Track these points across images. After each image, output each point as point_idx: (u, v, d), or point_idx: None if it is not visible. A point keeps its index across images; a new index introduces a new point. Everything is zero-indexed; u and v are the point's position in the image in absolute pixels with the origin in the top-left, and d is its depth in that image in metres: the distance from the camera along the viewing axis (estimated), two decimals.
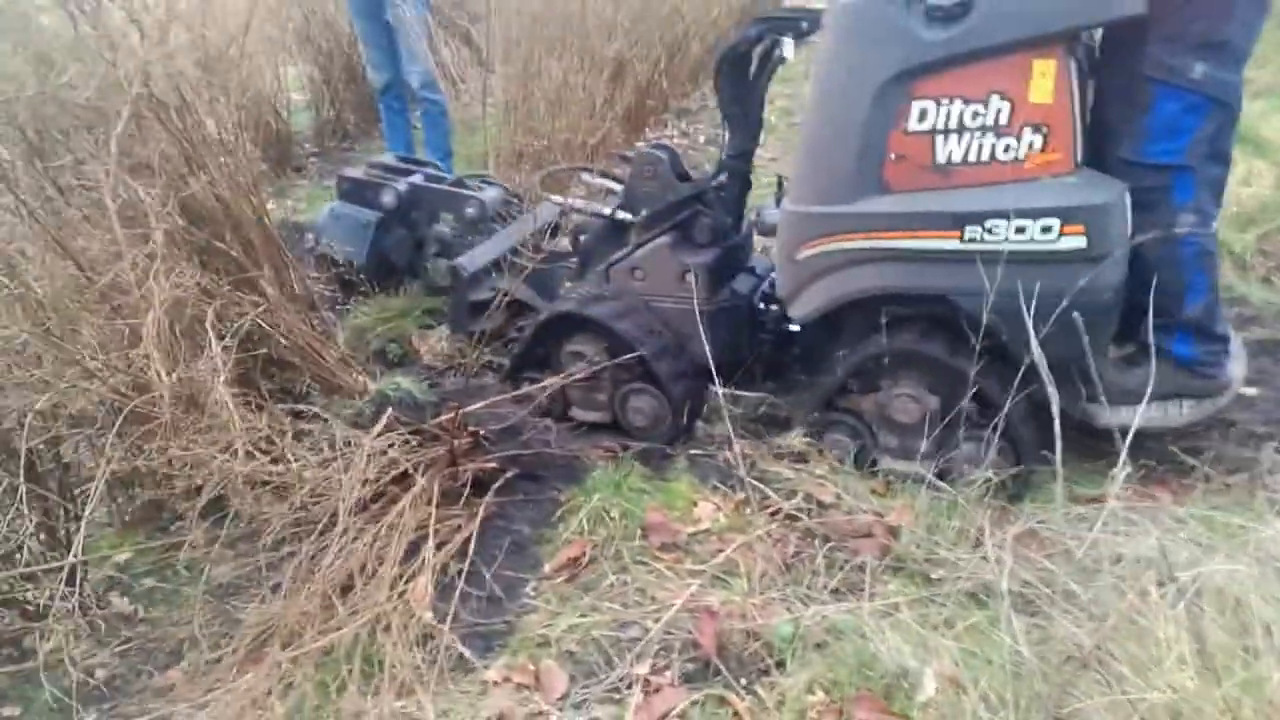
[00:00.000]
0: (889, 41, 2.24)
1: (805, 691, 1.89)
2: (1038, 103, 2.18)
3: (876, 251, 2.39)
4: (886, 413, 2.62)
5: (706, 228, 2.91)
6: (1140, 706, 1.55)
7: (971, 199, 2.27)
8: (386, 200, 3.65)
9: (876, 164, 2.33)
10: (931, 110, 2.25)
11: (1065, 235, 2.21)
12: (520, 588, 2.35)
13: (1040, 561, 1.92)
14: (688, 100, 7.19)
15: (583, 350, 2.92)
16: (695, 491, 2.64)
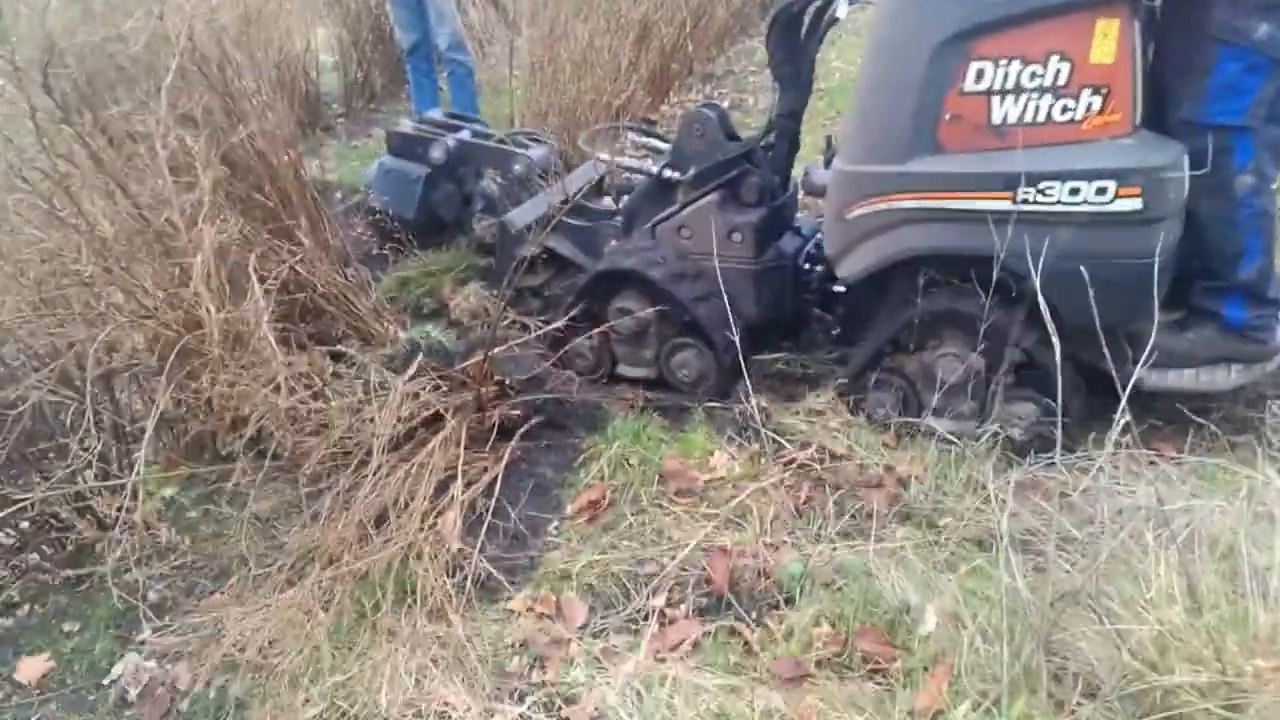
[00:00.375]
0: (948, 1, 2.23)
1: (812, 624, 1.99)
2: (1098, 63, 2.16)
3: (927, 212, 2.38)
4: (931, 372, 2.61)
5: (754, 187, 2.92)
6: (1129, 639, 1.65)
7: (1026, 160, 2.24)
8: (435, 155, 3.66)
9: (931, 124, 2.32)
10: (989, 70, 2.23)
11: (1121, 197, 2.19)
12: (543, 526, 2.46)
13: (1040, 507, 2.01)
14: (713, 65, 7.21)
15: (630, 307, 2.96)
16: (711, 442, 2.74)
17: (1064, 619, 1.70)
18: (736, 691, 1.86)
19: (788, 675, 1.89)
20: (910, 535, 2.25)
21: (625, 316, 2.95)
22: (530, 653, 2.06)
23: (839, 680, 1.88)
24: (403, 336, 2.78)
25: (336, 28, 6.54)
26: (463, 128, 3.87)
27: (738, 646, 2.01)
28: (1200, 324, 2.50)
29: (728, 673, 1.93)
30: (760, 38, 8.03)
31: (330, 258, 2.78)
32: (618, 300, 2.98)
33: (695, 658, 1.99)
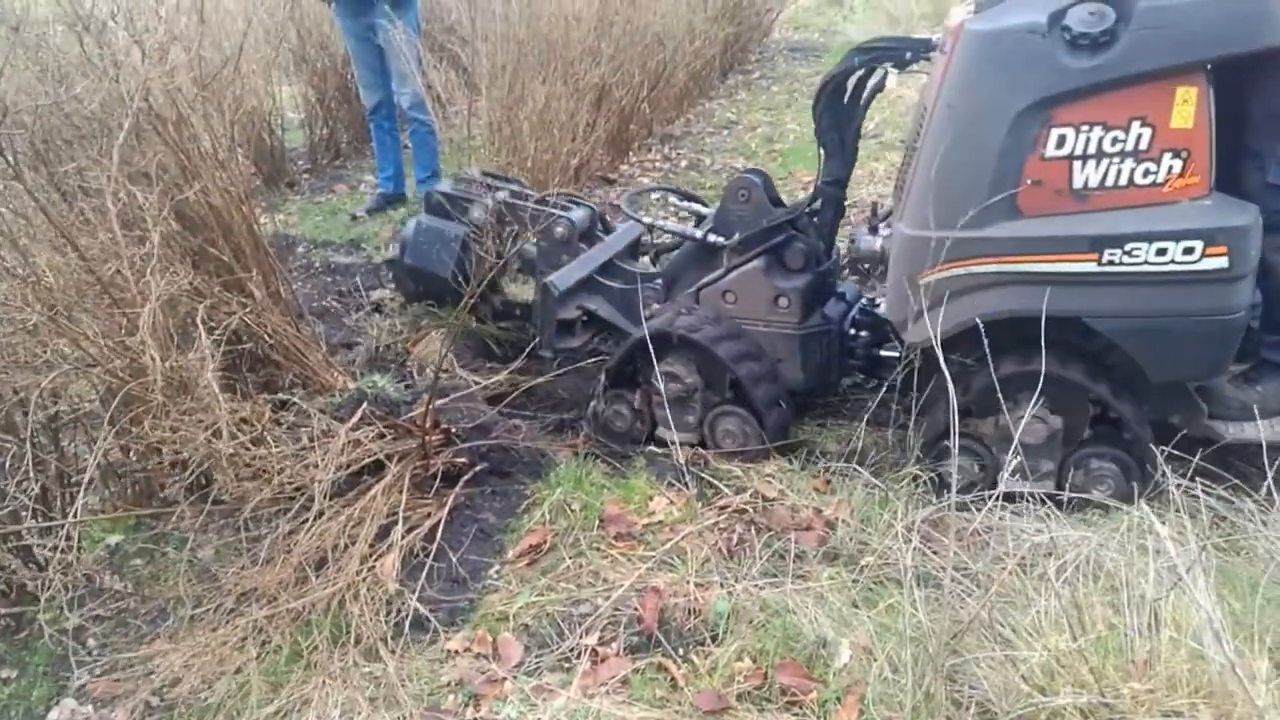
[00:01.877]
0: (1030, 69, 2.26)
1: (735, 659, 2.07)
2: (1179, 128, 2.21)
3: (1008, 275, 2.39)
4: (1010, 434, 2.53)
5: (800, 253, 2.92)
6: (1022, 665, 1.74)
7: (1111, 222, 2.28)
8: (476, 216, 3.55)
9: (1010, 189, 2.33)
10: (1070, 136, 2.26)
11: (1208, 256, 2.23)
12: (484, 570, 2.53)
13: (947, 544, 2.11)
14: (672, 126, 7.44)
15: (675, 371, 2.94)
16: (652, 487, 2.82)
17: (963, 648, 1.80)
18: None
19: (709, 708, 1.96)
20: (834, 574, 2.34)
21: (672, 381, 2.93)
22: (465, 691, 2.11)
23: (758, 712, 1.96)
24: (351, 386, 2.86)
25: (303, 86, 6.70)
26: (501, 188, 3.78)
27: (664, 682, 2.09)
28: (1270, 376, 2.55)
29: (653, 706, 2.00)
30: (719, 99, 8.34)
31: (282, 309, 2.87)
32: (663, 364, 2.93)
33: (623, 693, 2.06)
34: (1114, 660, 1.69)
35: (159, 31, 2.74)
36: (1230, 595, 2.03)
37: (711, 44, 7.66)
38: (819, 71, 9.04)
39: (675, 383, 2.94)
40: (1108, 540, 1.95)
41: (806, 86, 8.43)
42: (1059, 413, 2.54)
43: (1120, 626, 1.77)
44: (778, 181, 5.91)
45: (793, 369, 2.96)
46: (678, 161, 6.61)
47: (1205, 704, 1.65)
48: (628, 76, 5.96)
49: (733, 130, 7.33)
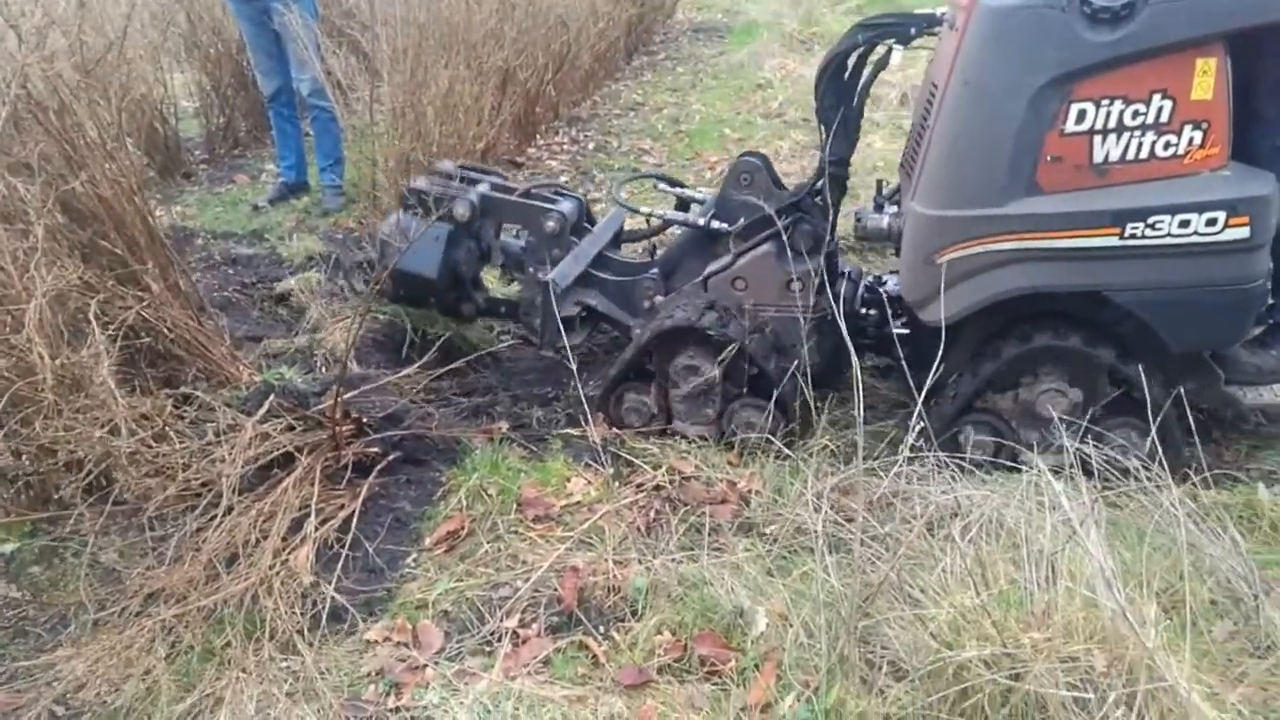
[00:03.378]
0: (1049, 45, 2.25)
1: (655, 633, 2.10)
2: (1199, 100, 2.22)
3: (1028, 252, 2.39)
4: (1031, 409, 2.61)
5: (808, 235, 2.88)
6: (929, 623, 1.81)
7: (1132, 196, 2.29)
8: (460, 212, 3.34)
9: (1030, 166, 2.33)
10: (1091, 111, 2.26)
11: (1230, 227, 2.26)
12: (401, 559, 2.51)
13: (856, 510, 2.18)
14: (578, 108, 7.41)
15: (696, 364, 2.87)
16: (569, 469, 2.83)
17: (874, 609, 1.86)
18: (581, 700, 1.95)
19: (630, 682, 1.99)
20: (750, 545, 2.39)
21: (693, 375, 2.87)
22: (386, 680, 2.10)
23: (679, 683, 1.99)
24: (257, 379, 2.79)
25: (196, 73, 6.46)
26: (479, 180, 3.60)
27: (586, 659, 2.11)
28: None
29: (574, 684, 2.02)
30: (624, 81, 8.33)
31: (181, 303, 2.78)
32: (681, 358, 2.89)
33: (545, 673, 2.07)
34: (1015, 613, 1.77)
35: (35, 15, 2.61)
36: (1121, 545, 2.15)
37: (615, 26, 7.66)
38: (723, 52, 9.12)
39: (696, 376, 2.87)
40: (1009, 499, 2.03)
41: (711, 67, 8.50)
42: (1077, 385, 2.57)
43: (1021, 580, 1.85)
44: (683, 164, 6.00)
45: (808, 353, 2.92)
46: (585, 144, 6.59)
47: (1099, 649, 1.74)
48: (531, 59, 5.91)
49: (639, 112, 7.35)
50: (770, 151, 6.00)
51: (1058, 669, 1.69)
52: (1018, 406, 2.65)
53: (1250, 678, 1.88)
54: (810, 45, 8.71)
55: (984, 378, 2.62)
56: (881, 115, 6.57)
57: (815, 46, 8.64)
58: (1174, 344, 2.40)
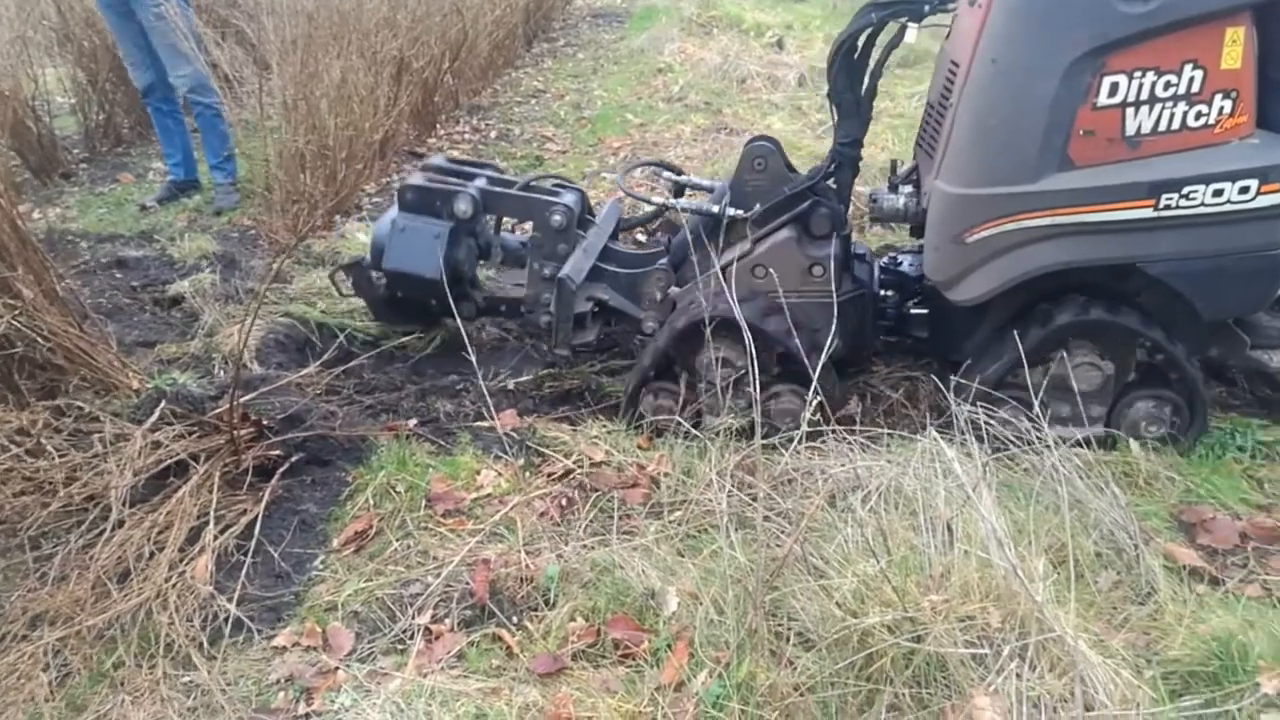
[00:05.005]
0: (1082, 18, 2.23)
1: (568, 620, 2.11)
2: (1228, 69, 2.23)
3: (1061, 227, 2.38)
4: (1063, 383, 2.59)
5: (826, 218, 2.84)
6: (834, 593, 1.86)
7: (1166, 167, 2.30)
8: (461, 209, 3.22)
9: (1062, 141, 2.32)
10: (1123, 83, 2.26)
11: (1263, 194, 2.28)
12: (308, 562, 2.45)
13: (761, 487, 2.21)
14: (479, 97, 7.31)
15: (727, 355, 2.78)
16: (479, 461, 2.81)
17: (781, 583, 1.90)
18: (496, 693, 1.94)
19: (544, 670, 1.99)
20: (660, 527, 2.40)
21: (725, 366, 2.79)
22: (296, 686, 2.05)
23: (593, 668, 2.00)
24: (148, 386, 2.69)
25: (70, 67, 6.16)
26: (475, 174, 3.44)
27: (500, 651, 2.10)
28: None
29: (489, 676, 2.01)
30: (525, 68, 8.26)
31: (60, 309, 2.65)
32: (709, 350, 2.77)
33: (459, 667, 2.06)
34: (915, 577, 1.83)
35: None
36: (1014, 506, 2.23)
37: (513, 12, 7.57)
38: (623, 37, 9.11)
39: (727, 367, 2.79)
40: (905, 469, 2.09)
41: (611, 53, 8.48)
42: (1110, 358, 2.60)
43: (920, 546, 1.91)
44: (587, 150, 5.99)
45: (827, 337, 2.89)
46: (487, 132, 6.51)
47: (994, 606, 1.81)
48: (427, 48, 5.81)
49: (540, 99, 7.29)
50: (673, 135, 6.03)
51: (956, 629, 1.76)
52: (1049, 381, 2.65)
53: (1132, 623, 1.98)
54: (709, 29, 8.76)
55: (1017, 355, 2.56)
56: (780, 96, 6.66)
57: (714, 30, 8.69)
58: (1207, 312, 2.44)
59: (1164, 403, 2.63)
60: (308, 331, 3.64)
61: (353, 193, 5.10)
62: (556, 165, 5.74)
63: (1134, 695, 1.71)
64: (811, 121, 6.09)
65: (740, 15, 8.97)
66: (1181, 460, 2.61)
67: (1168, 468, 2.56)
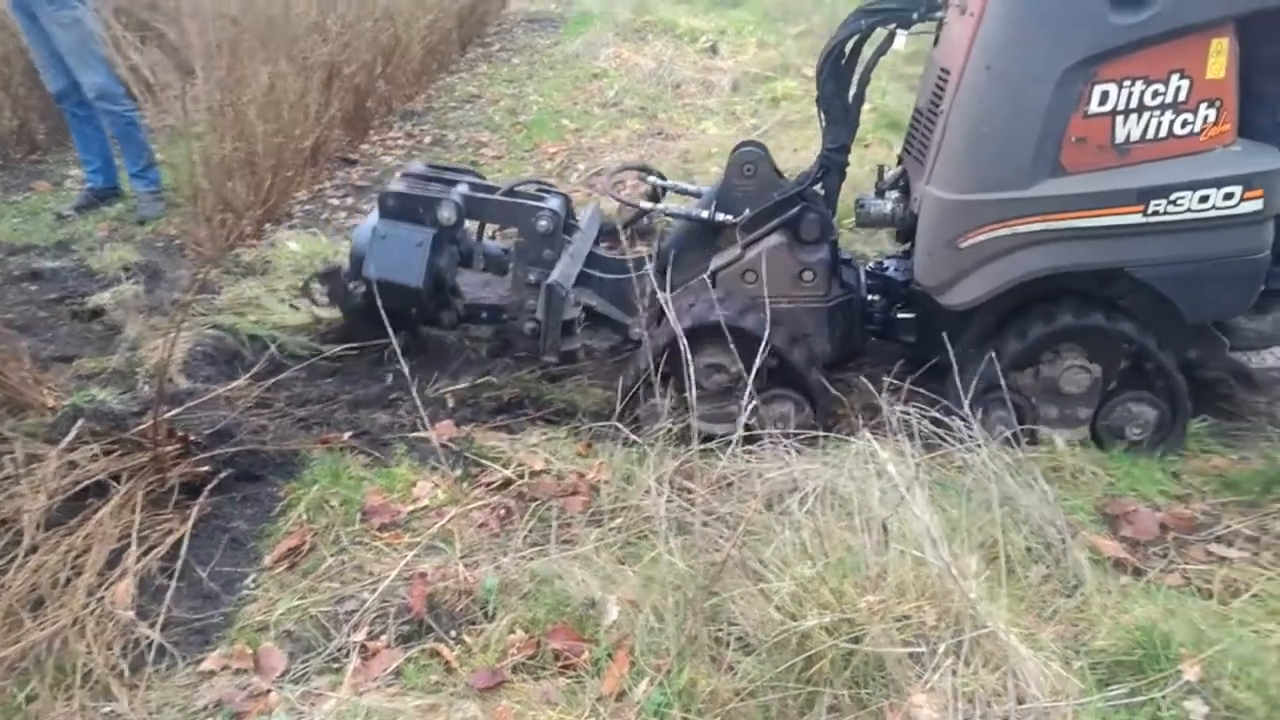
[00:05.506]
0: (1075, 27, 2.29)
1: (508, 632, 2.08)
2: (1213, 79, 2.31)
3: (1053, 233, 2.43)
4: (1052, 385, 2.66)
5: (815, 224, 2.84)
6: (773, 596, 1.86)
7: (1154, 174, 2.36)
8: (445, 215, 3.14)
9: (1054, 148, 2.37)
10: (1113, 92, 2.32)
11: (1246, 200, 2.35)
12: (239, 582, 2.38)
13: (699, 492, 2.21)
14: (412, 102, 7.22)
15: (719, 362, 2.76)
16: (415, 473, 2.77)
17: (720, 588, 1.90)
18: (435, 709, 1.91)
19: (484, 684, 1.96)
20: (600, 535, 2.39)
21: (718, 373, 2.77)
22: (225, 711, 1.99)
23: (534, 680, 1.97)
24: (64, 403, 2.59)
25: None
26: (455, 180, 3.36)
27: (438, 667, 2.06)
28: (1276, 305, 2.70)
29: (427, 693, 1.97)
30: (459, 73, 8.19)
31: None
32: (705, 357, 2.76)
33: (396, 684, 2.02)
34: (852, 579, 1.85)
35: None
36: (948, 504, 2.27)
37: (446, 17, 7.51)
38: (558, 42, 9.09)
39: (721, 374, 2.77)
40: (841, 470, 2.10)
41: (546, 58, 8.46)
42: (1097, 361, 2.64)
43: (856, 547, 1.93)
44: (522, 155, 5.95)
45: (821, 342, 2.90)
46: (421, 138, 6.44)
47: (929, 604, 1.84)
48: (358, 53, 5.72)
49: (475, 104, 7.24)
50: (608, 141, 6.03)
51: (892, 628, 1.78)
52: (1039, 383, 2.71)
53: (1060, 615, 2.02)
54: (644, 34, 8.78)
55: (1011, 357, 2.65)
56: (714, 101, 6.71)
57: (648, 36, 8.71)
58: (1190, 315, 2.51)
59: (1149, 405, 2.70)
60: (237, 343, 3.54)
61: (283, 200, 5.01)
62: (492, 171, 5.69)
63: (1063, 686, 1.75)
64: (745, 126, 6.13)
65: (674, 21, 9.02)
66: (1104, 455, 2.68)
67: (1092, 463, 2.63)
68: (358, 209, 5.20)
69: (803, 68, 7.31)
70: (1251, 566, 2.27)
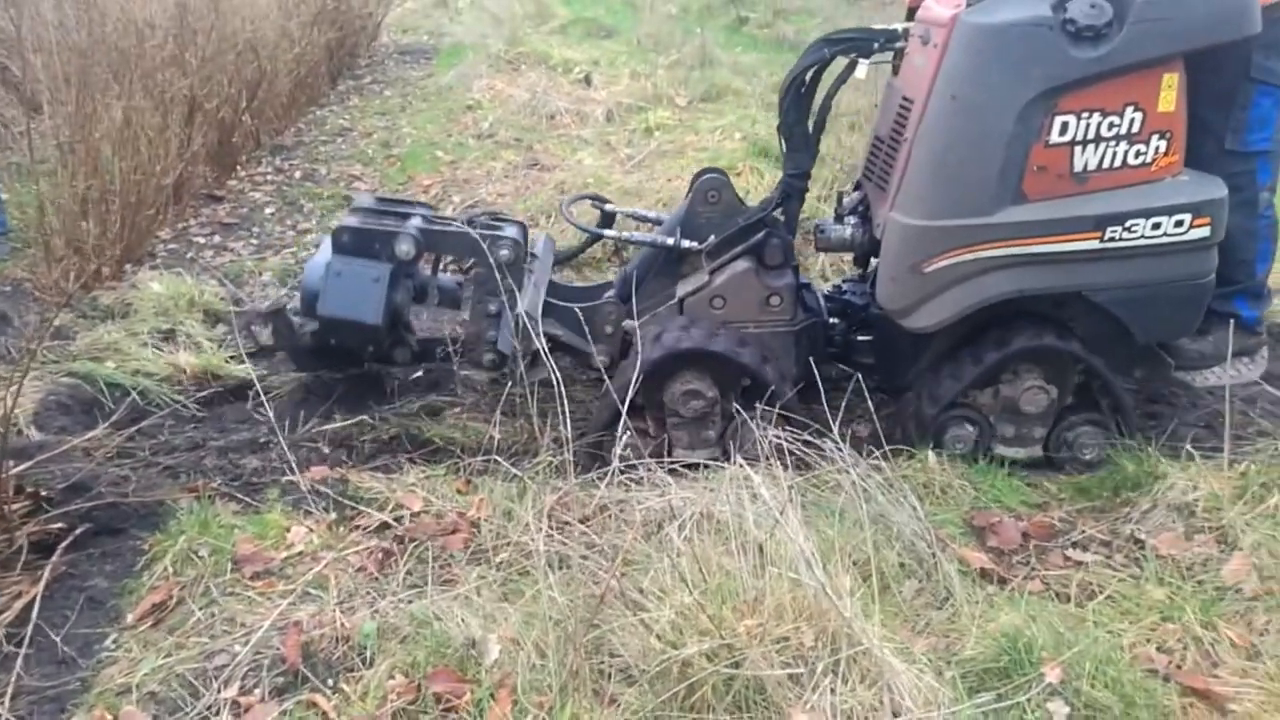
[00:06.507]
0: (1037, 61, 2.38)
1: (387, 678, 2.03)
2: (1164, 111, 2.43)
3: (1015, 258, 2.52)
4: (1011, 405, 2.77)
5: (779, 249, 2.89)
6: (654, 625, 1.88)
7: (1110, 202, 2.48)
8: (404, 249, 3.01)
9: (1016, 176, 2.46)
10: (1072, 123, 2.42)
11: (1195, 227, 2.48)
12: (97, 643, 2.25)
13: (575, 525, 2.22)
14: (281, 136, 7.04)
15: (696, 388, 2.76)
16: (288, 518, 2.68)
17: (601, 620, 1.90)
18: None
19: None
20: (482, 573, 2.36)
21: (695, 399, 2.76)
22: None
23: None
24: None
25: None
26: (407, 213, 3.24)
27: (316, 718, 1.99)
28: (1219, 326, 2.82)
29: None
30: (330, 107, 8.04)
31: None
32: (678, 383, 2.78)
33: None
34: (731, 603, 1.88)
35: None
36: (824, 524, 2.34)
37: (314, 49, 7.35)
38: (431, 74, 9.02)
39: (698, 399, 2.76)
40: (716, 496, 2.14)
41: (420, 90, 8.38)
42: (1053, 382, 2.74)
43: (734, 571, 1.96)
44: (397, 188, 5.88)
45: (788, 365, 2.92)
46: (291, 173, 6.28)
47: (807, 625, 1.89)
48: (221, 87, 5.55)
49: (347, 137, 7.11)
50: (483, 172, 6.02)
51: (772, 651, 1.82)
52: (998, 403, 2.82)
53: (932, 627, 2.10)
54: (517, 66, 8.80)
55: (971, 378, 2.76)
56: (589, 132, 6.77)
57: (522, 67, 8.74)
58: (1141, 336, 2.64)
59: (1099, 426, 2.83)
60: (95, 391, 3.36)
61: (144, 239, 4.80)
62: None
63: (936, 697, 1.81)
64: (620, 156, 6.21)
65: (548, 52, 9.07)
66: (971, 469, 2.81)
67: (960, 477, 2.75)
68: (225, 247, 5.04)
69: (675, 97, 7.47)
70: (1105, 569, 2.41)
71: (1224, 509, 2.49)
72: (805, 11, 11.23)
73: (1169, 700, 1.96)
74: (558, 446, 2.44)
